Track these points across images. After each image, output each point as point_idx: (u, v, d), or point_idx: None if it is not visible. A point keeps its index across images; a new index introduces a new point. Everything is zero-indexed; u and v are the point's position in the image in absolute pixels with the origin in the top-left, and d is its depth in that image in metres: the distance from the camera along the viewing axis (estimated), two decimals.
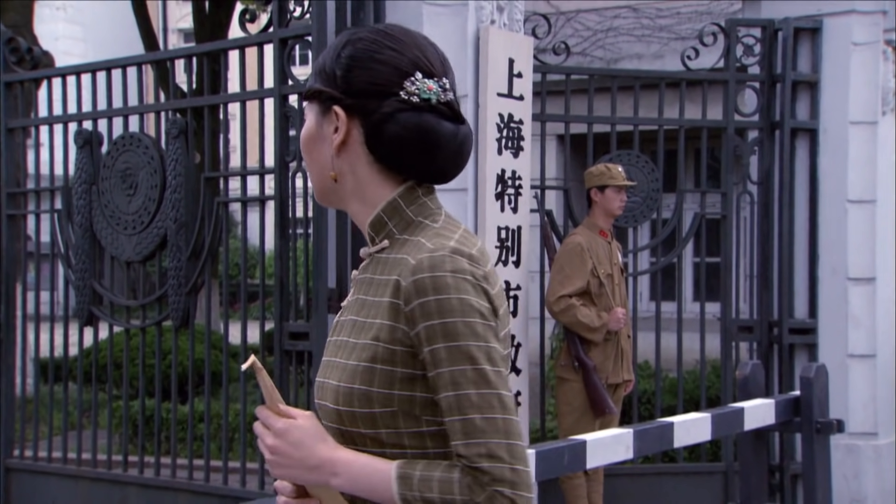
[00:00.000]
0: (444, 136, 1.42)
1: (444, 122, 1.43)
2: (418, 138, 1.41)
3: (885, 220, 5.78)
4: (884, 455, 5.74)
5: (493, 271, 1.43)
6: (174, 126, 5.13)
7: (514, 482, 1.32)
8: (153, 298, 5.35)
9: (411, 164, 1.44)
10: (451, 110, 1.43)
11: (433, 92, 1.43)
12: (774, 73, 5.62)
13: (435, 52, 1.48)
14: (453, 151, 1.44)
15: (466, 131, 1.45)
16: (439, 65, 1.46)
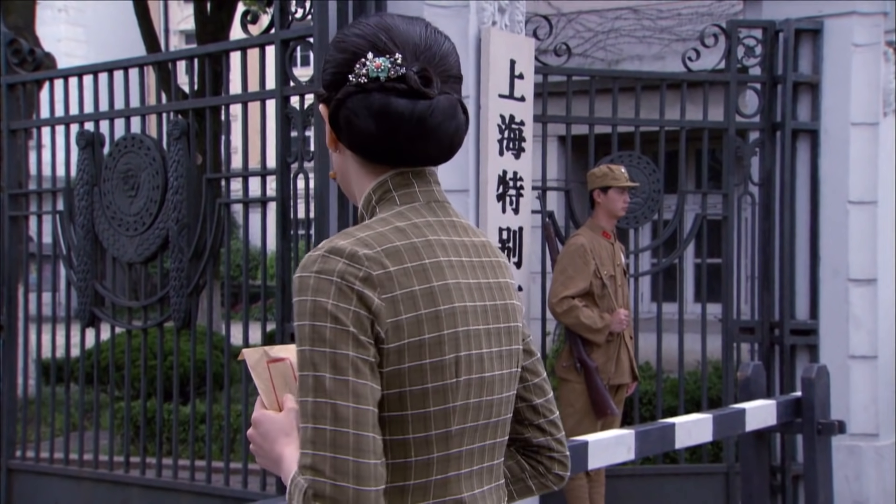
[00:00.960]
0: (397, 114, 1.30)
1: (397, 99, 1.29)
2: (370, 119, 1.30)
3: (886, 221, 5.78)
4: (885, 456, 5.74)
5: (400, 274, 1.28)
6: (176, 127, 5.14)
7: (334, 499, 1.19)
8: (155, 300, 5.36)
9: (374, 149, 1.33)
10: (408, 85, 1.29)
11: (381, 69, 1.30)
12: (775, 74, 5.62)
13: (407, 30, 1.33)
14: (413, 128, 1.30)
15: (427, 105, 1.30)
16: (402, 42, 1.32)
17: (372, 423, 1.23)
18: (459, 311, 1.30)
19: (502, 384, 1.36)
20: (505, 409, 1.38)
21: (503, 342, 1.36)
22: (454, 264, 1.33)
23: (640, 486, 5.51)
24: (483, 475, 1.36)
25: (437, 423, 1.29)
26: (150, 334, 5.57)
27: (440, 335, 1.28)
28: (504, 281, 1.39)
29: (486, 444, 1.36)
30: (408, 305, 1.27)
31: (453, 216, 1.38)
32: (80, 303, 5.52)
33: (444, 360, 1.28)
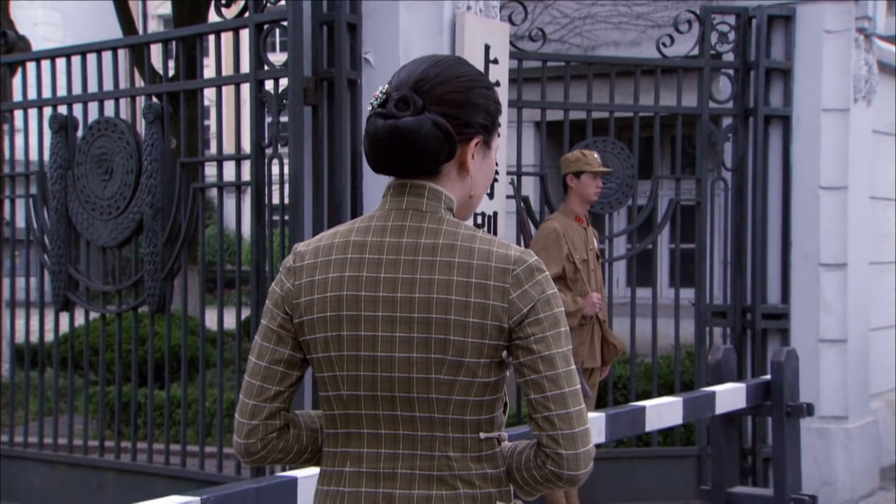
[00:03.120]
0: (369, 132, 1.58)
1: (376, 119, 1.57)
2: (363, 138, 1.61)
3: (856, 207, 5.85)
4: (854, 438, 5.83)
5: (312, 265, 1.59)
6: (150, 111, 5.12)
7: (239, 445, 1.63)
8: (129, 284, 5.35)
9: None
10: (383, 109, 1.56)
11: (374, 99, 1.58)
12: (748, 60, 5.67)
13: (414, 65, 1.60)
14: (368, 143, 1.58)
15: (383, 124, 1.55)
16: (398, 74, 1.59)
17: (261, 373, 1.62)
18: (350, 298, 1.56)
19: (409, 362, 1.54)
20: (419, 389, 1.54)
21: (414, 329, 1.53)
22: (365, 261, 1.57)
23: (613, 469, 5.57)
24: (398, 441, 1.56)
25: (331, 386, 1.59)
26: (125, 319, 5.56)
27: (325, 316, 1.57)
28: (441, 278, 1.54)
29: (394, 414, 1.56)
30: (307, 290, 1.59)
31: (408, 222, 1.58)
32: (54, 287, 5.51)
33: (328, 335, 1.57)
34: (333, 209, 4.64)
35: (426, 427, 1.55)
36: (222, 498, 2.18)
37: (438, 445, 1.55)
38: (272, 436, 1.63)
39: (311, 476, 2.39)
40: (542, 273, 1.56)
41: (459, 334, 1.52)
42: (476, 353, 1.53)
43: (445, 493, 1.55)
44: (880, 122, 6.57)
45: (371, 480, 1.56)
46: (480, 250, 1.55)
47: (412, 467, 1.55)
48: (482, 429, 1.57)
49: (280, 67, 4.70)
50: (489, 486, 1.57)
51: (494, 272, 1.54)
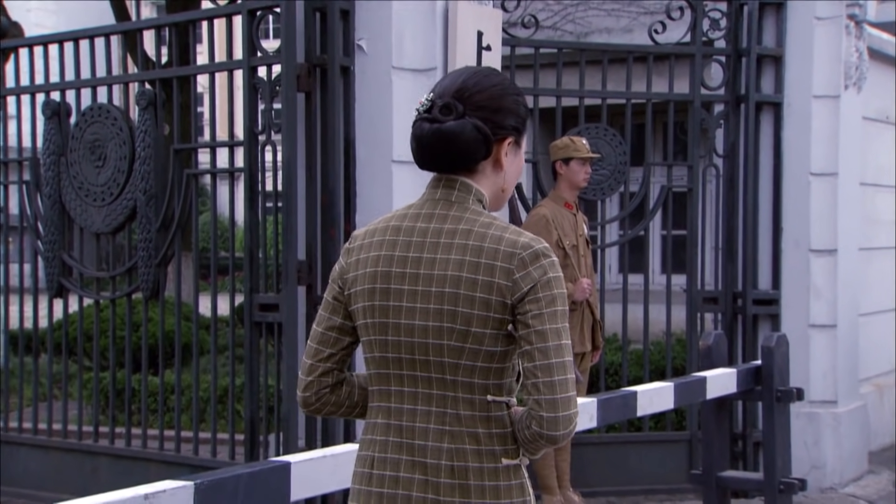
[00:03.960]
0: (416, 135, 1.82)
1: (423, 123, 1.81)
2: (410, 140, 1.85)
3: (846, 193, 5.89)
4: (843, 422, 5.88)
5: (360, 247, 1.86)
6: (143, 97, 5.12)
7: (298, 398, 1.92)
8: (123, 270, 5.36)
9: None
10: (428, 114, 1.80)
11: (420, 105, 1.83)
12: (740, 47, 5.68)
13: (454, 76, 1.85)
14: (416, 144, 1.82)
15: (429, 128, 1.79)
16: (441, 83, 1.84)
17: (318, 337, 1.89)
18: (383, 273, 1.81)
19: (425, 330, 1.77)
20: (434, 352, 1.78)
21: (431, 301, 1.77)
22: (399, 242, 1.82)
23: (605, 454, 5.61)
24: (418, 400, 1.80)
25: (368, 349, 1.84)
26: (119, 305, 5.57)
27: (364, 288, 1.83)
28: (456, 258, 1.77)
29: (415, 374, 1.80)
30: (355, 267, 1.85)
31: (438, 208, 1.83)
32: (48, 273, 5.52)
33: (366, 305, 1.83)
34: (327, 195, 4.66)
35: (440, 387, 1.78)
36: (216, 483, 2.19)
37: (450, 403, 1.78)
38: (325, 391, 1.90)
39: (304, 461, 2.42)
40: (547, 258, 1.76)
41: (467, 307, 1.75)
42: (481, 323, 1.75)
43: (454, 446, 1.76)
44: (870, 109, 6.60)
45: (397, 431, 1.81)
46: (493, 235, 1.77)
47: (428, 421, 1.79)
48: (490, 392, 1.78)
49: (273, 54, 4.71)
50: (494, 445, 1.77)
51: (503, 255, 1.75)
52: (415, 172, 4.73)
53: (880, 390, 6.93)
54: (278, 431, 4.67)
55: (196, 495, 2.13)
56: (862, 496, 5.75)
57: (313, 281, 4.69)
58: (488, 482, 1.76)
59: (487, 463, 1.77)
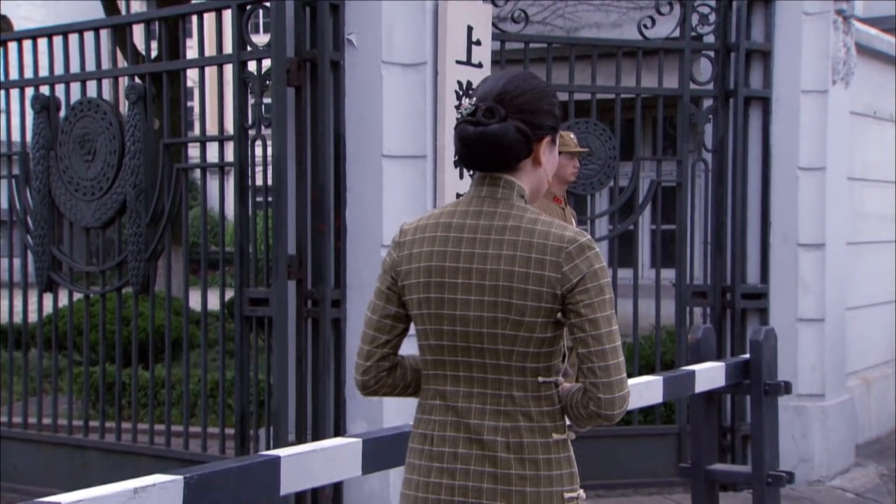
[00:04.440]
0: (462, 137, 1.95)
1: (467, 126, 1.94)
2: (455, 141, 1.99)
3: (834, 188, 5.91)
4: (830, 416, 5.91)
5: (412, 241, 1.98)
6: (133, 92, 5.12)
7: (357, 381, 2.08)
8: (113, 264, 5.36)
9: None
10: (473, 117, 1.93)
11: (463, 109, 1.96)
12: (729, 42, 5.70)
13: (494, 80, 1.98)
14: (462, 146, 1.96)
15: (474, 130, 1.92)
16: (482, 87, 1.98)
17: (374, 324, 2.04)
18: (437, 268, 1.95)
19: (479, 320, 1.92)
20: (488, 341, 1.92)
21: (484, 294, 1.91)
22: (450, 238, 1.95)
23: (594, 447, 5.61)
24: (473, 383, 1.95)
25: (423, 336, 2.00)
26: (109, 299, 5.57)
27: (419, 281, 1.97)
28: (507, 253, 1.91)
29: (469, 360, 1.94)
30: (407, 260, 1.99)
31: (485, 205, 1.96)
32: (38, 268, 5.51)
33: (421, 297, 1.97)
34: (317, 190, 4.67)
35: (494, 371, 1.93)
36: (206, 477, 2.18)
37: (504, 386, 1.93)
38: (382, 374, 2.06)
39: (294, 455, 2.42)
40: (591, 250, 1.91)
41: (520, 298, 1.90)
42: (533, 313, 1.90)
43: (509, 424, 1.92)
44: (858, 104, 6.63)
45: (453, 412, 1.96)
46: (540, 231, 1.91)
47: (483, 402, 1.93)
48: (540, 374, 1.93)
49: (263, 48, 4.71)
50: (545, 420, 1.93)
51: (551, 249, 1.90)
52: (404, 166, 4.77)
53: (867, 384, 6.98)
54: (268, 425, 4.68)
55: (186, 489, 2.12)
56: (849, 489, 5.79)
57: (303, 275, 4.70)
58: (541, 455, 1.92)
59: (540, 438, 1.93)
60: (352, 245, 4.77)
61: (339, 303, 4.74)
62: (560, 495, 1.94)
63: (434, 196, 4.81)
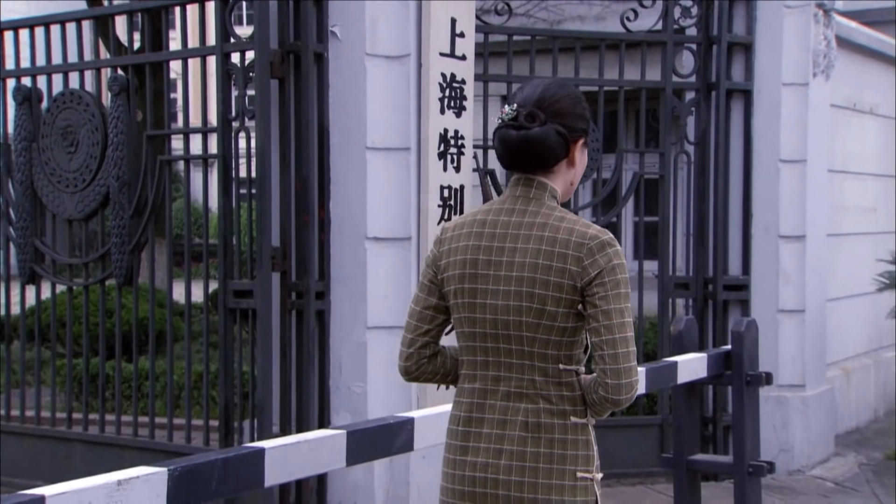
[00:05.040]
0: (504, 140, 2.11)
1: (509, 130, 2.10)
2: (495, 145, 2.16)
3: (815, 180, 5.96)
4: (811, 406, 5.97)
5: (451, 237, 2.17)
6: (115, 83, 5.10)
7: (400, 367, 2.27)
8: (96, 256, 5.35)
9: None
10: (515, 122, 2.10)
11: (504, 114, 2.12)
12: (711, 34, 5.73)
13: (532, 87, 2.15)
14: (504, 149, 2.12)
15: (517, 134, 2.09)
16: (520, 94, 2.14)
17: (417, 315, 2.22)
18: (471, 261, 2.12)
19: (506, 309, 2.08)
20: (514, 328, 2.08)
21: (511, 284, 2.08)
22: (484, 234, 2.13)
23: None
24: (500, 368, 2.12)
25: (458, 324, 2.17)
26: (92, 291, 5.56)
27: (455, 273, 2.15)
28: (533, 247, 2.07)
29: (497, 346, 2.11)
30: (447, 255, 2.17)
31: (518, 204, 2.13)
32: (20, 260, 5.49)
33: (456, 287, 2.14)
34: (301, 182, 4.67)
35: (518, 357, 2.10)
36: (190, 469, 2.17)
37: (527, 371, 2.10)
38: (423, 361, 2.23)
39: (278, 447, 2.43)
40: (612, 247, 2.06)
41: (543, 289, 2.06)
42: (555, 303, 2.06)
43: (530, 406, 2.08)
44: (838, 97, 6.68)
45: (482, 394, 2.13)
46: (566, 228, 2.08)
47: (508, 386, 2.11)
48: (561, 361, 2.09)
49: (246, 40, 4.70)
50: (565, 404, 2.09)
51: (573, 245, 2.06)
52: (388, 159, 4.78)
53: (847, 374, 7.04)
54: (253, 417, 4.69)
55: (170, 481, 2.12)
56: (829, 478, 5.85)
57: (287, 267, 4.70)
58: (557, 435, 2.08)
59: (558, 420, 2.08)
60: (336, 237, 4.78)
61: (323, 295, 4.75)
62: (573, 474, 2.08)
63: (418, 188, 4.83)
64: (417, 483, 4.81)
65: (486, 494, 2.10)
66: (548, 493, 2.06)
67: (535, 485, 2.06)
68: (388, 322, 4.73)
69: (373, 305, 4.72)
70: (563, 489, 2.06)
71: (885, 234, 7.68)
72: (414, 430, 2.71)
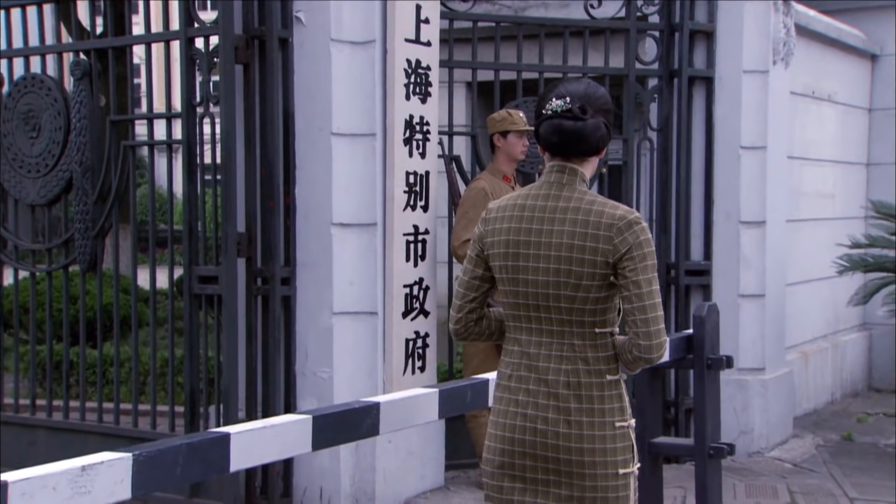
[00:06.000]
0: (559, 129, 2.39)
1: (564, 121, 2.37)
2: (542, 132, 2.43)
3: (775, 166, 6.04)
4: (770, 389, 6.07)
5: (496, 217, 2.45)
6: (78, 68, 5.06)
7: (451, 329, 2.60)
8: (59, 242, 5.32)
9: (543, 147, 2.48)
10: (570, 113, 2.37)
11: (556, 105, 2.38)
12: (673, 22, 5.78)
13: (574, 83, 2.43)
14: (557, 137, 2.39)
15: (573, 124, 2.37)
16: (563, 88, 2.41)
17: (465, 283, 2.53)
18: (513, 240, 2.42)
19: (547, 282, 2.38)
20: (554, 299, 2.38)
21: (550, 261, 2.37)
22: (524, 216, 2.42)
23: None
24: (543, 333, 2.42)
25: (504, 295, 2.47)
26: (56, 277, 5.52)
27: (499, 251, 2.45)
28: (569, 229, 2.36)
29: (539, 315, 2.41)
30: (491, 233, 2.47)
31: (553, 189, 2.42)
32: None
33: (500, 263, 2.44)
34: (266, 167, 4.67)
35: (558, 324, 2.40)
36: (154, 454, 2.15)
37: (566, 336, 2.40)
38: (471, 324, 2.56)
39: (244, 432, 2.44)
40: (638, 225, 2.35)
41: (578, 265, 2.35)
42: (589, 277, 2.35)
43: (570, 367, 2.39)
44: (798, 84, 6.77)
45: (526, 356, 2.44)
46: (596, 210, 2.36)
47: (550, 349, 2.41)
48: (597, 326, 2.39)
49: (210, 25, 4.68)
50: (600, 364, 2.39)
51: (604, 225, 2.34)
52: (354, 144, 4.79)
53: (805, 357, 7.17)
54: (218, 403, 4.70)
55: (134, 466, 2.11)
56: (787, 459, 5.96)
57: (253, 253, 4.71)
58: (595, 392, 2.39)
59: (595, 378, 2.39)
60: (301, 223, 4.79)
61: (289, 280, 4.76)
62: (612, 424, 2.39)
63: (383, 174, 4.84)
64: (383, 467, 4.85)
65: (534, 442, 2.40)
66: (591, 442, 2.37)
67: (581, 436, 2.37)
68: (353, 308, 4.75)
69: (339, 291, 4.74)
70: (605, 438, 2.38)
71: (842, 219, 7.81)
72: (380, 415, 2.73)
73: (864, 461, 5.96)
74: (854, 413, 7.29)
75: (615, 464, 2.39)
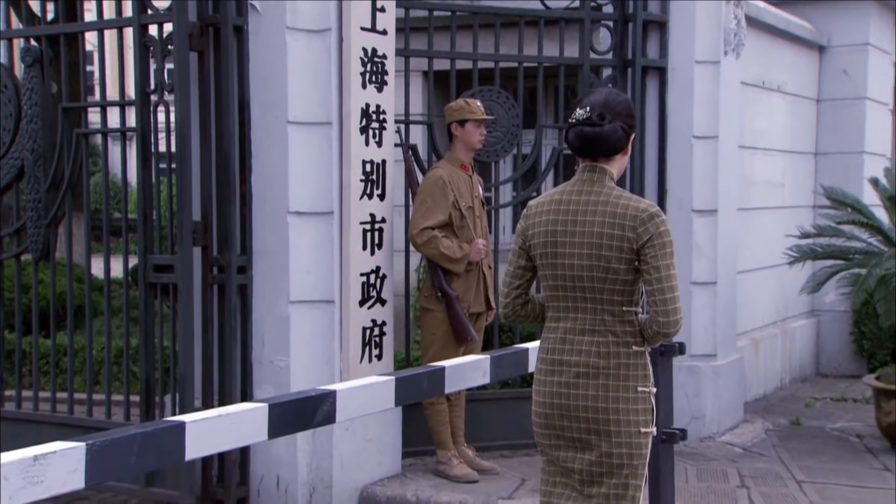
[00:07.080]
0: (580, 135, 2.79)
1: (584, 127, 2.78)
2: (569, 138, 2.83)
3: (726, 156, 6.13)
4: (721, 375, 6.17)
5: (535, 213, 2.86)
6: (28, 54, 5.00)
7: (500, 312, 3.05)
8: (11, 231, 5.25)
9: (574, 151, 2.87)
10: (589, 121, 2.77)
11: (578, 114, 2.79)
12: (627, 12, 5.83)
13: (597, 94, 2.83)
14: (580, 142, 2.80)
15: (592, 130, 2.77)
16: (587, 99, 2.80)
17: (511, 273, 2.95)
18: (551, 231, 2.82)
19: (581, 267, 2.76)
20: (587, 281, 2.77)
21: (584, 249, 2.75)
22: (561, 210, 2.81)
23: (499, 409, 5.76)
24: (578, 311, 2.81)
25: (543, 279, 2.89)
26: (7, 266, 5.46)
27: (539, 241, 2.85)
28: (598, 220, 2.74)
29: (575, 295, 2.80)
30: (532, 227, 2.88)
31: (585, 186, 2.80)
32: None
33: (540, 252, 2.85)
34: (221, 156, 4.65)
35: (591, 303, 2.80)
36: (108, 443, 2.14)
37: (598, 313, 2.79)
38: (517, 307, 2.98)
39: (199, 421, 2.44)
40: (658, 217, 2.73)
41: (608, 252, 2.73)
42: (617, 262, 2.73)
43: (601, 339, 2.79)
44: (748, 74, 6.87)
45: (563, 331, 2.85)
46: (622, 204, 2.74)
47: (584, 325, 2.81)
48: (624, 304, 2.77)
49: (164, 12, 4.65)
50: (627, 337, 2.79)
51: (629, 217, 2.72)
52: (310, 133, 4.78)
53: (756, 343, 7.29)
54: (174, 392, 4.69)
55: (88, 456, 2.09)
56: (738, 443, 6.07)
57: (208, 242, 4.69)
58: (623, 360, 2.78)
59: (623, 348, 2.78)
60: (257, 211, 4.78)
61: (245, 269, 4.75)
62: (634, 388, 2.78)
63: (340, 163, 4.84)
64: (340, 454, 4.87)
65: (569, 405, 2.80)
66: (616, 402, 2.76)
67: (607, 397, 2.76)
68: (310, 296, 4.76)
69: (295, 279, 4.74)
70: (628, 399, 2.77)
71: (792, 208, 7.95)
72: (336, 403, 2.75)
73: (811, 445, 6.09)
74: (802, 398, 7.43)
75: (636, 423, 2.77)
